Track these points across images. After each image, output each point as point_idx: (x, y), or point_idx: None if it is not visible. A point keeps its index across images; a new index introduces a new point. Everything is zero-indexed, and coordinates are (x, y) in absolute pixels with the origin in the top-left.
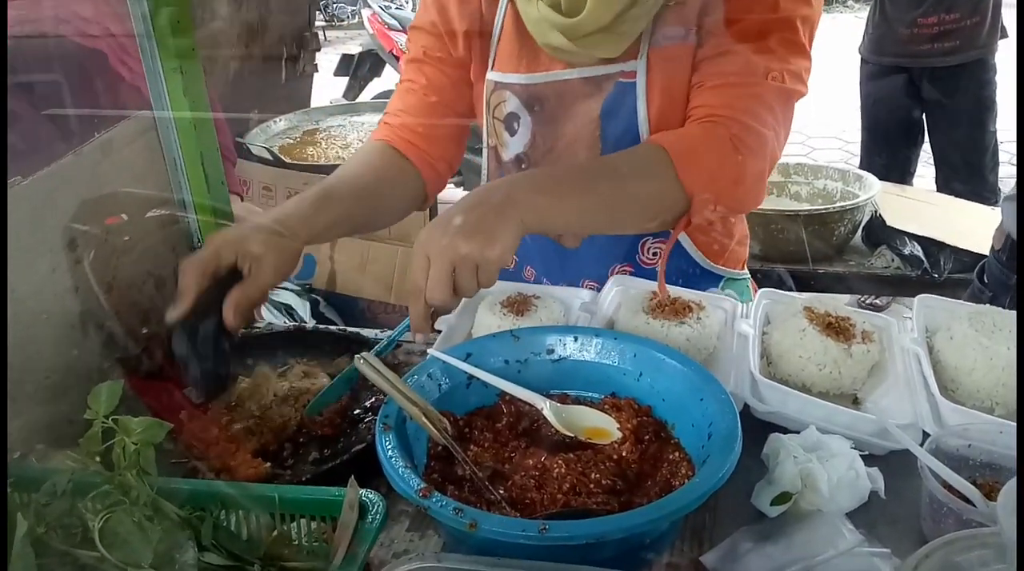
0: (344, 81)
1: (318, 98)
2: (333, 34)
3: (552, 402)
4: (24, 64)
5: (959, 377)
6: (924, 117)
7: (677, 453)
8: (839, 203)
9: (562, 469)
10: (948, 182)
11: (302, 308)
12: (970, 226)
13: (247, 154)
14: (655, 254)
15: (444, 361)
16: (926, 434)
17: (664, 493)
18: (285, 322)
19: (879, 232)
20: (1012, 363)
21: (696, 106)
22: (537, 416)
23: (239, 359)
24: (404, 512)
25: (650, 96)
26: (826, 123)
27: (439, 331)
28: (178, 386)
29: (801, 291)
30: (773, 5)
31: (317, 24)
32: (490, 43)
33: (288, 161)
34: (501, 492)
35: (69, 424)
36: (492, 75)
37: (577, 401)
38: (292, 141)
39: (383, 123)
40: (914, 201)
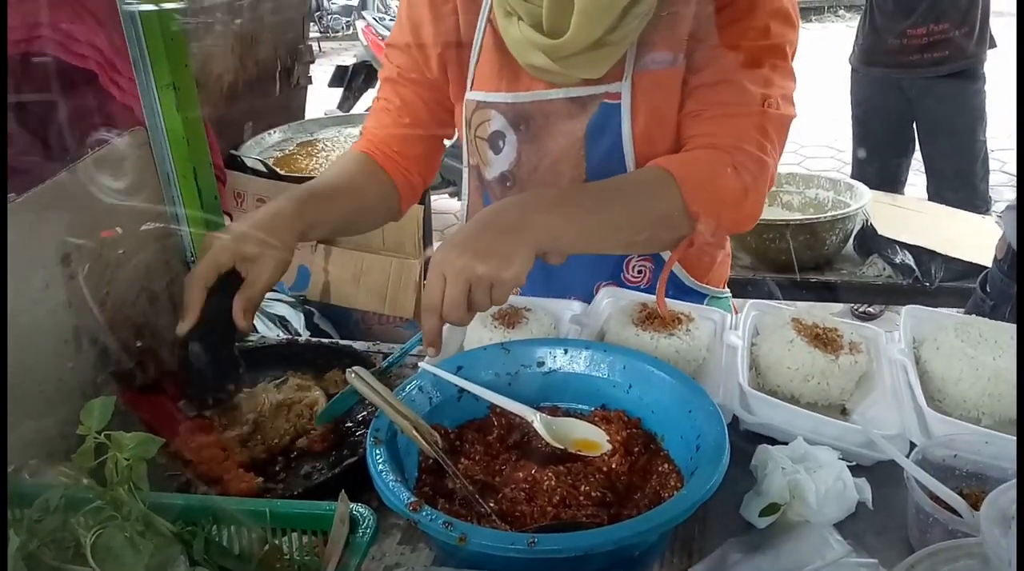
0: (338, 93)
1: (312, 110)
2: (327, 45)
3: (542, 414)
4: (15, 83)
5: (945, 387)
6: (915, 126)
7: (666, 465)
8: (831, 212)
9: (552, 482)
10: (939, 191)
11: (296, 319)
12: (961, 234)
13: (241, 166)
14: (639, 272)
15: (435, 374)
16: (913, 444)
17: (653, 505)
18: (279, 334)
19: (871, 241)
20: (997, 373)
21: (697, 134)
22: (528, 428)
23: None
24: (395, 525)
25: (635, 118)
26: (818, 132)
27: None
28: (172, 399)
29: (793, 300)
30: (764, 30)
31: (311, 36)
32: (468, 62)
33: (282, 173)
34: (491, 505)
35: (62, 438)
36: (473, 94)
37: (567, 413)
38: (286, 153)
39: (362, 136)
40: (905, 210)
